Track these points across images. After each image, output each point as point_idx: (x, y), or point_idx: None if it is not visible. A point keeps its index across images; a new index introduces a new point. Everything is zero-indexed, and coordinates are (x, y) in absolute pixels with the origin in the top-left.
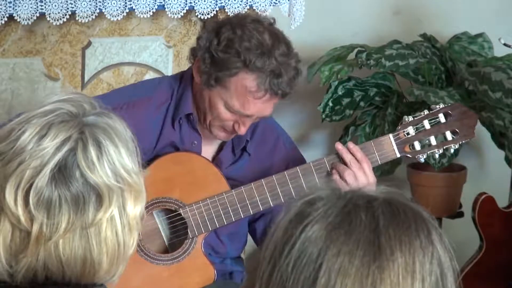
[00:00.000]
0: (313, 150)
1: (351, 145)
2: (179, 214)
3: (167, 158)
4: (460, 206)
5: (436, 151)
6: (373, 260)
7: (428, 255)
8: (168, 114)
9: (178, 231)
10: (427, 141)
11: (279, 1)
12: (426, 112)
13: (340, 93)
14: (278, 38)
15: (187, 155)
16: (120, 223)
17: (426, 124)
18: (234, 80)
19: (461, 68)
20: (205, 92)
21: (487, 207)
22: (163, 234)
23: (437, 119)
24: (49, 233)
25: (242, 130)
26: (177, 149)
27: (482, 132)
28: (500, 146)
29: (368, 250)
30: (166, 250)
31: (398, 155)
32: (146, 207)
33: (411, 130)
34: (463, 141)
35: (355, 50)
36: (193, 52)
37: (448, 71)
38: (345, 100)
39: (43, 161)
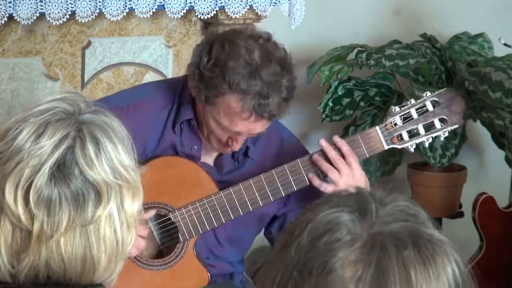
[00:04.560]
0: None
1: (337, 138)
2: (169, 219)
3: (155, 163)
4: (460, 206)
5: (425, 140)
6: None
7: (452, 285)
8: (169, 117)
9: (169, 236)
10: (415, 130)
11: (279, 1)
12: (413, 101)
13: (340, 93)
14: (270, 56)
15: (175, 159)
16: (119, 220)
17: (414, 113)
18: (221, 100)
19: (461, 68)
20: (199, 106)
21: (487, 207)
22: (157, 238)
23: (425, 108)
24: (50, 232)
25: (235, 146)
26: (176, 152)
27: (482, 132)
28: (500, 146)
29: None
30: (157, 256)
31: (386, 147)
32: None
33: (398, 121)
34: (452, 128)
35: (355, 50)
36: (189, 66)
37: (448, 71)
38: (345, 100)
39: (42, 159)
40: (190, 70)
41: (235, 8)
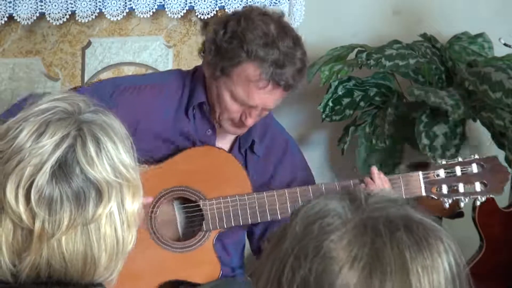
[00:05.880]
0: (313, 150)
1: (382, 174)
2: (198, 206)
3: (198, 150)
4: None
5: (462, 199)
6: None
7: (446, 268)
8: (181, 103)
9: (193, 222)
10: (455, 187)
11: (279, 1)
12: (460, 159)
13: (340, 93)
14: (285, 30)
15: (219, 152)
16: (119, 219)
17: (458, 170)
18: (238, 70)
19: (461, 68)
20: (213, 85)
21: (487, 207)
22: (178, 222)
23: (469, 168)
24: (51, 230)
25: (249, 122)
26: (189, 137)
27: (482, 132)
28: (500, 146)
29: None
30: (178, 239)
31: (424, 194)
32: (168, 193)
33: (441, 173)
34: (490, 196)
35: (355, 50)
36: (204, 44)
37: (448, 71)
38: (345, 100)
39: (43, 158)
40: (206, 46)
41: (235, 8)
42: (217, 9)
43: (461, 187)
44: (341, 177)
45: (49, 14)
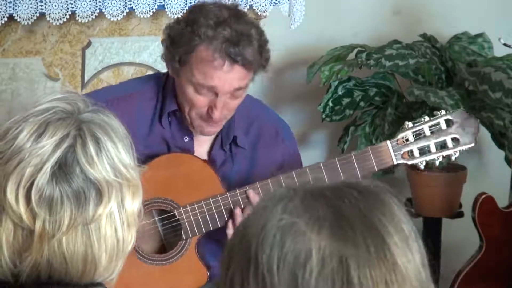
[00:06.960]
0: (313, 150)
1: None
2: (174, 215)
3: (164, 159)
4: (460, 206)
5: (436, 158)
6: (381, 247)
7: (397, 210)
8: (156, 112)
9: (172, 232)
10: (426, 148)
11: (279, 1)
12: (426, 118)
13: (340, 93)
14: (239, 15)
15: (184, 157)
16: (119, 219)
17: (427, 130)
18: (194, 56)
19: (461, 68)
20: (177, 83)
21: (487, 207)
22: (160, 233)
23: (438, 126)
24: (52, 230)
25: (216, 114)
26: (168, 145)
27: (482, 132)
28: (500, 146)
29: (374, 242)
30: (159, 251)
31: (395, 162)
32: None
33: (410, 136)
34: (464, 148)
35: (355, 50)
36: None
37: (448, 71)
38: (345, 100)
39: (43, 158)
40: (163, 44)
41: None
42: None
43: (432, 147)
44: None
45: (49, 14)
